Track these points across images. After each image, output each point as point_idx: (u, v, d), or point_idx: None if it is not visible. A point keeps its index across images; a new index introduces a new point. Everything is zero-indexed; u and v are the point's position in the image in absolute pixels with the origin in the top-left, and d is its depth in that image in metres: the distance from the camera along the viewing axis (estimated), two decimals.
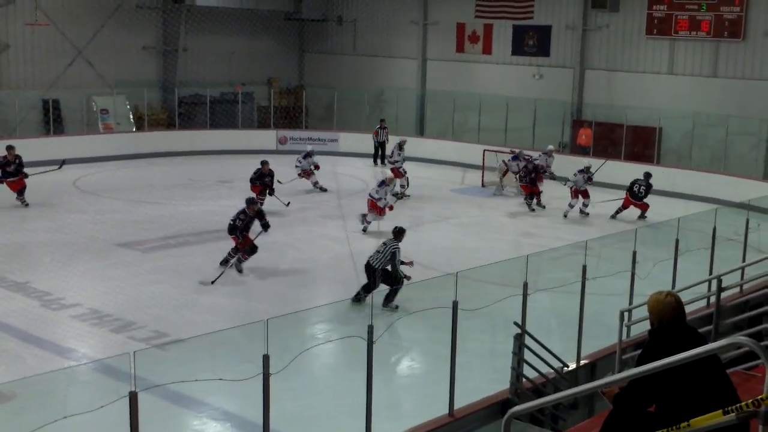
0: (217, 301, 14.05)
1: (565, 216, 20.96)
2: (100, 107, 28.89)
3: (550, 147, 24.40)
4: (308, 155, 23.20)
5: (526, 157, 23.68)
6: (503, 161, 24.18)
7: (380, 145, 28.03)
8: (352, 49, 33.93)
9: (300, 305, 12.83)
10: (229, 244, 15.73)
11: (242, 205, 16.01)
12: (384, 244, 13.67)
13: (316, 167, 23.25)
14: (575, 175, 21.14)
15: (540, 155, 23.68)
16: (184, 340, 11.71)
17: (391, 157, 23.83)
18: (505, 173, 23.90)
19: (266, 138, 29.68)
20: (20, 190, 20.26)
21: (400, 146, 23.62)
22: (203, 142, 28.64)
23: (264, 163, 20.88)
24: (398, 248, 13.51)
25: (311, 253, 17.20)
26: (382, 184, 19.00)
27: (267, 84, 33.44)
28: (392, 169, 22.45)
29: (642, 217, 20.63)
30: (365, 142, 28.81)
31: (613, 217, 20.84)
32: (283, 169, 22.60)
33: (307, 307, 12.62)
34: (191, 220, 19.55)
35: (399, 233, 13.85)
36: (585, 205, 21.17)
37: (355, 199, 22.58)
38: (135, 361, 6.66)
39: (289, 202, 20.74)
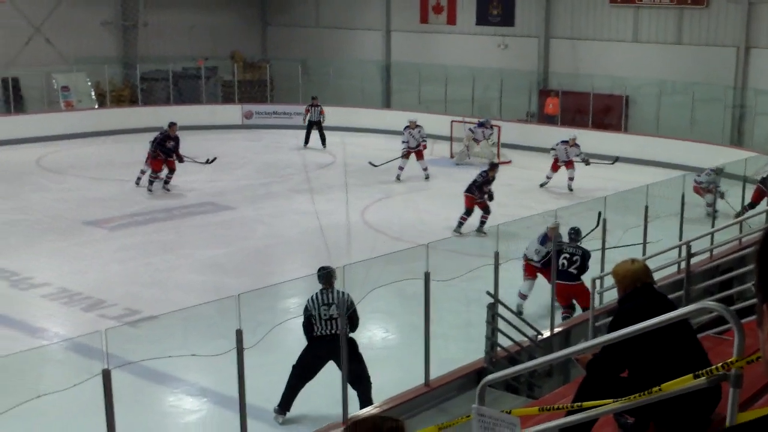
0: (187, 277, 13.96)
1: (542, 185, 20.76)
2: (60, 85, 28.43)
3: (574, 135, 21.13)
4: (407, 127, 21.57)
5: (492, 125, 23.78)
6: (469, 129, 24.22)
7: (314, 125, 26.05)
8: (315, 21, 33.64)
9: (271, 280, 12.77)
10: None
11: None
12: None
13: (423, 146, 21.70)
14: (558, 145, 20.63)
15: (557, 145, 20.84)
16: (156, 317, 11.63)
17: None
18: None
19: (231, 113, 29.38)
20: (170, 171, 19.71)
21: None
22: (167, 117, 28.12)
23: (172, 125, 19.98)
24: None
25: (281, 228, 17.13)
26: (545, 240, 12.16)
27: (230, 58, 33.05)
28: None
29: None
30: (331, 114, 28.68)
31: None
32: (247, 144, 22.34)
33: (279, 281, 12.57)
34: (158, 197, 19.36)
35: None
36: (571, 178, 20.60)
37: (323, 172, 22.49)
38: (107, 339, 6.62)
39: (210, 159, 20.26)
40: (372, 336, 11.47)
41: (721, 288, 10.49)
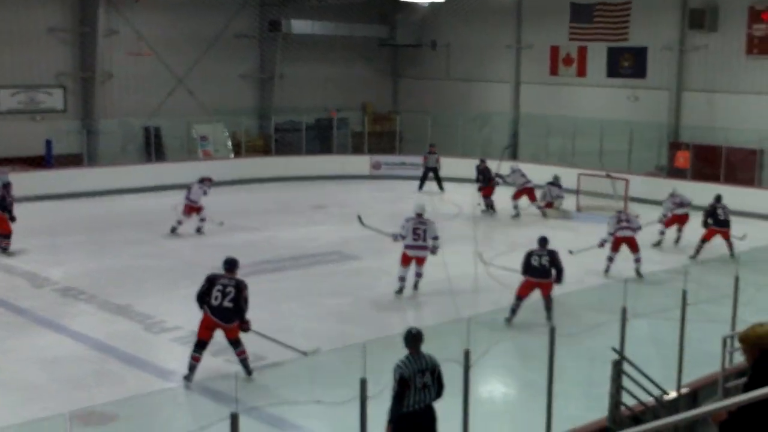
0: (311, 325, 14.18)
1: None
2: (199, 134, 29.72)
3: None
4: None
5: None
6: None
7: (430, 171, 27.77)
8: (445, 74, 34.06)
9: (395, 329, 12.82)
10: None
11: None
12: None
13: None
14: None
15: None
16: (280, 364, 11.87)
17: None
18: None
19: (360, 163, 29.98)
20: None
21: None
22: (298, 167, 29.11)
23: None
24: None
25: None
26: None
27: (361, 109, 33.80)
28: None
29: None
30: (460, 166, 28.81)
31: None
32: (374, 194, 22.60)
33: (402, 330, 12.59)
34: (287, 245, 19.81)
35: None
36: None
37: (448, 224, 22.53)
38: (237, 384, 6.77)
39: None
40: (492, 390, 11.39)
41: None
